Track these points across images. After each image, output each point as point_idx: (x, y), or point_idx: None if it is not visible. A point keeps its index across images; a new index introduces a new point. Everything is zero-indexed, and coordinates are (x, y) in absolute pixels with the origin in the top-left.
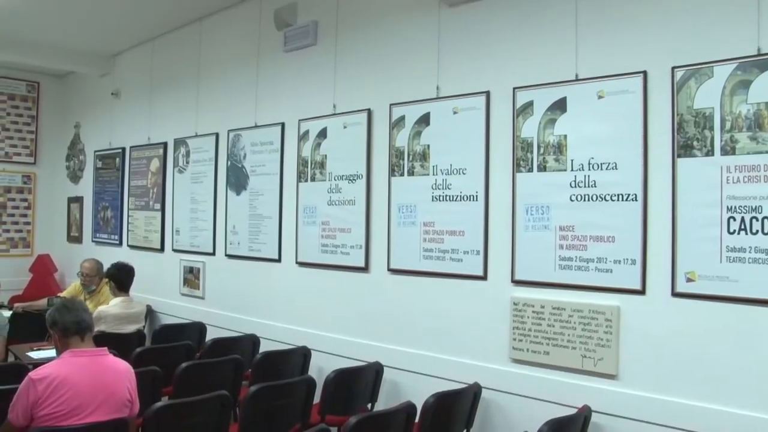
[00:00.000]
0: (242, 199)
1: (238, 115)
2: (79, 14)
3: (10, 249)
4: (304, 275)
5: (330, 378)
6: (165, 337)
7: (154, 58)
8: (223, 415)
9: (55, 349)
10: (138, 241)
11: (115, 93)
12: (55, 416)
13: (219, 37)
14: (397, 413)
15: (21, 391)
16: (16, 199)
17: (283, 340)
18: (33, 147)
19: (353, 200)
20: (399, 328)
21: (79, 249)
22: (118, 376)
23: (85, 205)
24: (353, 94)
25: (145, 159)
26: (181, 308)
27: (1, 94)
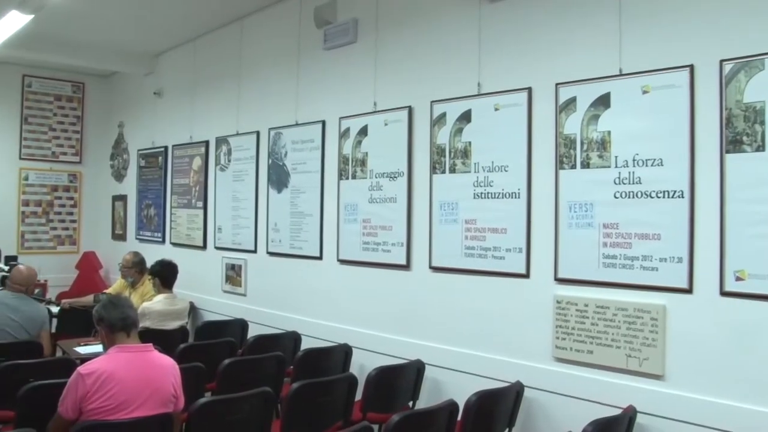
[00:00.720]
0: (283, 196)
1: (279, 114)
2: (124, 15)
3: (57, 246)
4: (345, 273)
5: (372, 375)
6: (208, 333)
7: (196, 58)
8: (266, 411)
9: (102, 344)
10: (181, 239)
11: (158, 92)
12: (102, 410)
13: (260, 36)
14: (440, 411)
15: (70, 385)
16: (62, 198)
17: (324, 338)
18: (79, 146)
19: (394, 198)
20: (440, 326)
21: (123, 246)
22: (164, 371)
23: (129, 203)
24: (394, 92)
25: (188, 157)
26: (223, 305)
27: (48, 95)
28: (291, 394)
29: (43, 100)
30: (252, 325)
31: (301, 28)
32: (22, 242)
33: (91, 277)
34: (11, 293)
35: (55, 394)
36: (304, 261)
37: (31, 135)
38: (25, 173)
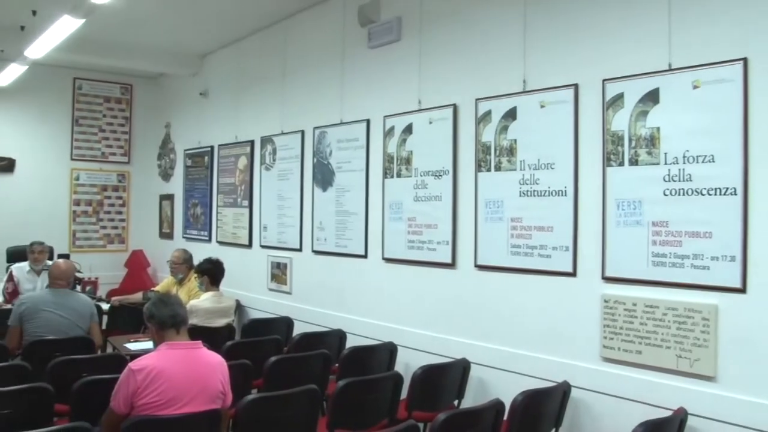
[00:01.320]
0: (328, 195)
1: (324, 113)
2: (170, 17)
3: (107, 245)
4: (390, 271)
5: (417, 374)
6: (254, 331)
7: (241, 58)
8: (313, 408)
9: (152, 341)
10: (227, 237)
11: (204, 93)
12: (152, 406)
13: (304, 36)
14: (486, 411)
15: (122, 380)
16: (111, 197)
17: (369, 336)
18: (127, 147)
19: (439, 196)
20: (486, 325)
21: (171, 245)
22: (212, 368)
23: (176, 203)
24: (438, 90)
25: (233, 157)
26: (268, 303)
27: (98, 97)
28: (337, 391)
29: (93, 102)
30: (297, 323)
31: (345, 27)
32: (74, 241)
33: (140, 275)
34: (54, 290)
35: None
36: (349, 259)
37: (81, 136)
38: (76, 173)
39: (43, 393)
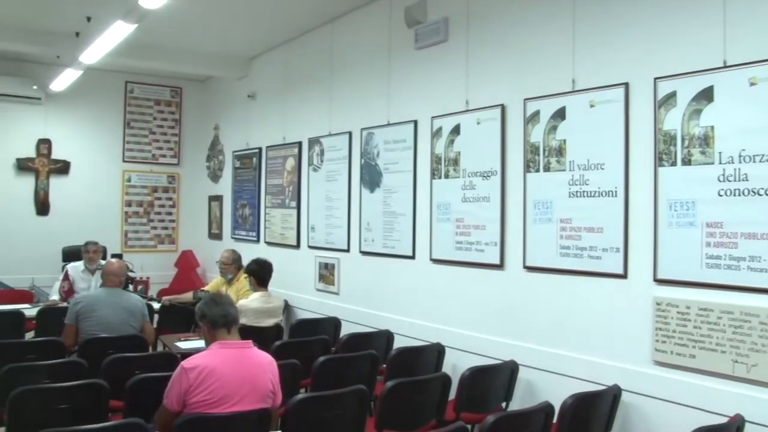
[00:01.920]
0: (376, 196)
1: (371, 114)
2: (219, 22)
3: (157, 245)
4: (438, 272)
5: (465, 375)
6: (301, 331)
7: (288, 60)
8: (361, 408)
9: (204, 340)
10: (275, 238)
11: (252, 95)
12: (204, 404)
13: (350, 38)
14: (535, 413)
15: (174, 378)
16: (162, 198)
17: (416, 336)
18: (177, 149)
19: (488, 197)
20: (535, 327)
21: (220, 245)
22: (263, 368)
23: (225, 203)
24: (486, 90)
25: (281, 158)
26: (316, 303)
27: (148, 100)
28: (385, 392)
29: (144, 105)
30: (344, 324)
31: (392, 29)
32: (126, 241)
33: (189, 275)
34: (108, 289)
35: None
36: (396, 260)
37: (133, 138)
38: (127, 175)
39: (98, 389)
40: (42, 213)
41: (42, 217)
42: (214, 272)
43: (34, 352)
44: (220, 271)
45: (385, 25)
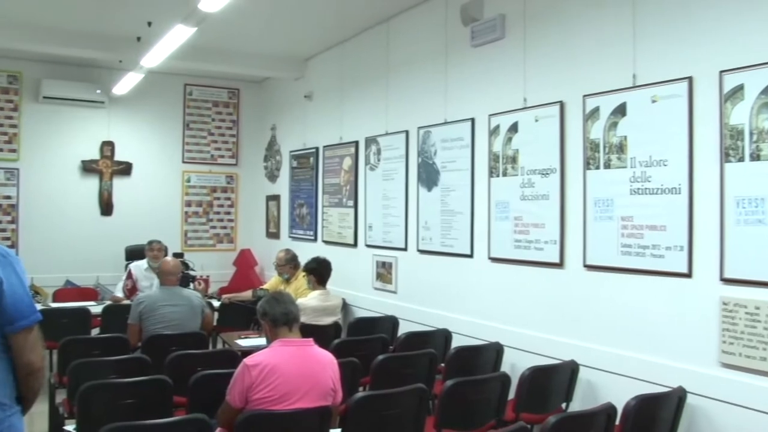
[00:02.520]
0: (434, 195)
1: (428, 112)
2: (275, 23)
3: (216, 244)
4: (496, 271)
5: (525, 375)
6: (359, 329)
7: (344, 60)
8: (421, 407)
9: (266, 338)
10: (332, 237)
11: (308, 95)
12: (266, 401)
13: (406, 36)
14: (598, 415)
15: (237, 375)
16: (220, 198)
17: (474, 335)
18: (235, 149)
19: (547, 195)
20: (595, 326)
21: (277, 244)
22: (323, 366)
23: (282, 203)
24: (544, 87)
25: (338, 158)
26: (373, 302)
27: (207, 102)
28: (445, 391)
29: (203, 107)
30: (402, 322)
31: (448, 27)
32: (185, 240)
33: (248, 274)
34: (166, 288)
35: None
36: (454, 259)
37: (192, 140)
38: (187, 176)
39: (162, 385)
40: (106, 213)
41: (106, 217)
42: (271, 271)
43: (100, 348)
44: (276, 271)
45: (441, 23)
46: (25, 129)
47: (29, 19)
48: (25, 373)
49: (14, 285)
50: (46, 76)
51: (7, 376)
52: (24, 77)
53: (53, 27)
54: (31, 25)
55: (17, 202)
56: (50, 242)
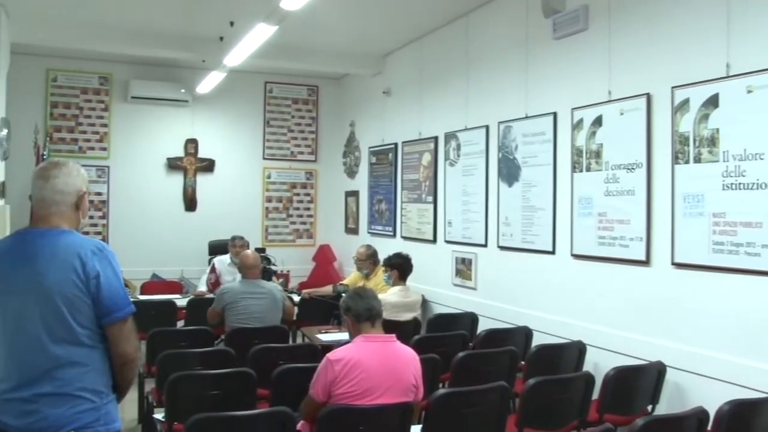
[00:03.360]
0: (514, 190)
1: (508, 107)
2: (354, 20)
3: (296, 239)
4: (579, 268)
5: (610, 375)
6: (439, 326)
7: (423, 56)
8: (503, 405)
9: (348, 333)
10: (411, 233)
11: (386, 91)
12: (349, 395)
13: (486, 30)
14: (688, 419)
15: (320, 370)
16: (300, 194)
17: (556, 333)
18: (314, 146)
19: (632, 190)
20: (684, 327)
21: (356, 240)
22: (406, 362)
23: (361, 199)
24: (630, 79)
25: (417, 153)
26: (452, 298)
27: (286, 99)
28: (527, 389)
29: (282, 104)
30: (482, 319)
31: (528, 19)
32: (266, 235)
33: (327, 269)
34: (248, 281)
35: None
36: (535, 255)
37: (272, 137)
38: (268, 172)
39: (247, 377)
40: (190, 209)
41: (190, 212)
42: (350, 266)
43: (186, 340)
44: (356, 266)
45: (522, 16)
46: (114, 128)
47: (118, 23)
48: (120, 363)
49: (110, 278)
50: (134, 77)
51: (103, 366)
52: (114, 78)
53: (140, 30)
54: (120, 28)
55: (107, 199)
56: (137, 237)
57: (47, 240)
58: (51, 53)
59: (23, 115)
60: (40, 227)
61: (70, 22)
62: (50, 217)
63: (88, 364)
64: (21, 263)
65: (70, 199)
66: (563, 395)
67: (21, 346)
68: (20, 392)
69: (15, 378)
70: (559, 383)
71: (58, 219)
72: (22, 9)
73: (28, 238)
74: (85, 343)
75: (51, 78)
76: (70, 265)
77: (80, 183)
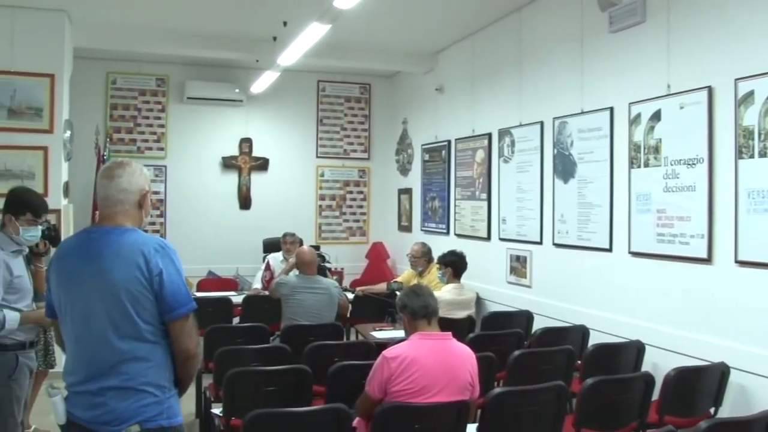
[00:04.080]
0: (570, 187)
1: (563, 102)
2: (406, 18)
3: (349, 237)
4: (637, 266)
5: (671, 376)
6: (493, 323)
7: (476, 52)
8: (560, 405)
9: (404, 330)
10: (465, 230)
11: (439, 88)
12: (405, 393)
13: (539, 25)
14: (755, 422)
15: (376, 367)
16: (353, 192)
17: (613, 332)
18: (367, 144)
19: (693, 186)
20: (750, 326)
21: (409, 237)
22: (462, 360)
23: (414, 196)
24: (690, 72)
25: (470, 150)
26: (506, 296)
27: (339, 97)
28: (586, 389)
29: (335, 102)
30: (537, 317)
31: (584, 12)
32: (319, 233)
33: (380, 266)
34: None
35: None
36: (592, 253)
37: (325, 135)
38: (321, 170)
39: (303, 374)
40: (244, 207)
41: (244, 211)
42: (403, 263)
43: (242, 336)
44: (410, 264)
45: (577, 10)
46: (171, 128)
47: (175, 25)
48: (182, 359)
49: (172, 275)
50: (189, 78)
51: (166, 361)
52: (170, 80)
53: (196, 31)
54: (176, 30)
55: (165, 198)
56: (194, 235)
57: (112, 238)
58: (110, 57)
59: (84, 118)
60: (105, 225)
61: (129, 26)
62: (115, 215)
63: (152, 359)
64: (87, 260)
65: (134, 197)
66: (622, 395)
67: (88, 340)
68: (88, 385)
69: (82, 371)
70: (618, 383)
71: (122, 217)
72: (84, 15)
73: (93, 236)
74: (149, 339)
75: (110, 81)
76: (134, 262)
77: (143, 182)
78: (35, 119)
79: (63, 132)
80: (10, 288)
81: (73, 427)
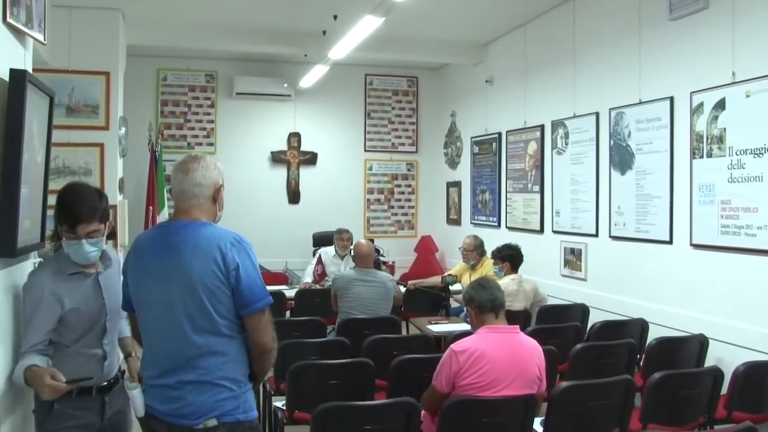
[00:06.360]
0: (627, 178)
1: (620, 92)
2: (455, 9)
3: (398, 231)
4: (699, 258)
5: (739, 371)
6: (548, 317)
7: (527, 42)
8: (627, 399)
9: (471, 324)
10: (516, 223)
11: (489, 80)
12: (474, 386)
13: (594, 13)
14: None
15: (444, 361)
16: (401, 186)
17: (673, 326)
18: (414, 137)
19: (760, 176)
20: None
21: (458, 231)
22: (530, 353)
23: (463, 189)
24: (758, 58)
25: (522, 142)
26: (561, 289)
27: (386, 91)
28: (652, 384)
29: (383, 96)
30: (593, 311)
31: (641, 1)
32: (368, 227)
33: (429, 260)
34: (361, 270)
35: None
36: (651, 245)
37: (373, 128)
38: (369, 164)
39: (366, 367)
40: (293, 201)
41: (293, 205)
42: (452, 257)
43: (299, 330)
44: (462, 257)
45: None
46: (220, 124)
47: (224, 21)
48: (258, 353)
49: (249, 269)
50: (238, 74)
51: (242, 356)
52: (219, 76)
53: (245, 27)
54: (225, 26)
55: None
56: (243, 229)
57: (189, 232)
58: (161, 53)
59: (137, 114)
60: (182, 219)
61: (179, 22)
62: (190, 209)
63: (228, 353)
64: (164, 254)
65: (208, 192)
66: (690, 390)
67: (165, 334)
68: (165, 379)
69: (160, 365)
70: (685, 378)
71: (197, 211)
72: (136, 13)
73: (170, 230)
74: (225, 333)
75: (161, 77)
76: (211, 256)
77: (217, 176)
78: (92, 116)
79: (118, 128)
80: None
81: (151, 420)
